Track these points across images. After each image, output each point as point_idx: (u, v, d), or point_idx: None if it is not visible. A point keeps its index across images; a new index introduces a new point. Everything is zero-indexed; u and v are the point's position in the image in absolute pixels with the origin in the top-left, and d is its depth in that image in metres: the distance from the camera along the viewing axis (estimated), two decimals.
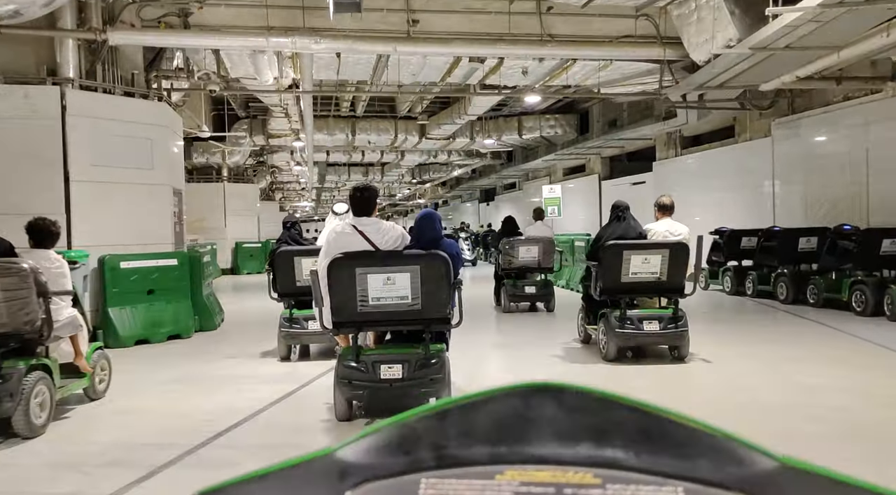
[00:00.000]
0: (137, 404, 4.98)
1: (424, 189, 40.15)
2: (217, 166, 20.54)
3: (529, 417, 0.40)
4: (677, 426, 0.39)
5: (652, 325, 5.76)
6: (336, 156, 24.52)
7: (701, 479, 0.38)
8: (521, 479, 0.38)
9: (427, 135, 19.65)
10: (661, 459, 0.38)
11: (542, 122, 19.26)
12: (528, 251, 9.32)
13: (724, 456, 0.38)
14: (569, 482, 0.38)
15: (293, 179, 34.25)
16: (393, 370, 4.05)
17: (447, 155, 24.50)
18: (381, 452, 0.40)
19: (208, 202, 20.35)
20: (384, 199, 49.79)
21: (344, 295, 3.91)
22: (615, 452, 0.39)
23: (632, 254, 5.68)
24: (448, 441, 0.40)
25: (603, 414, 0.40)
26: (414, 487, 0.39)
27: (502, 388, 0.41)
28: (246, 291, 15.10)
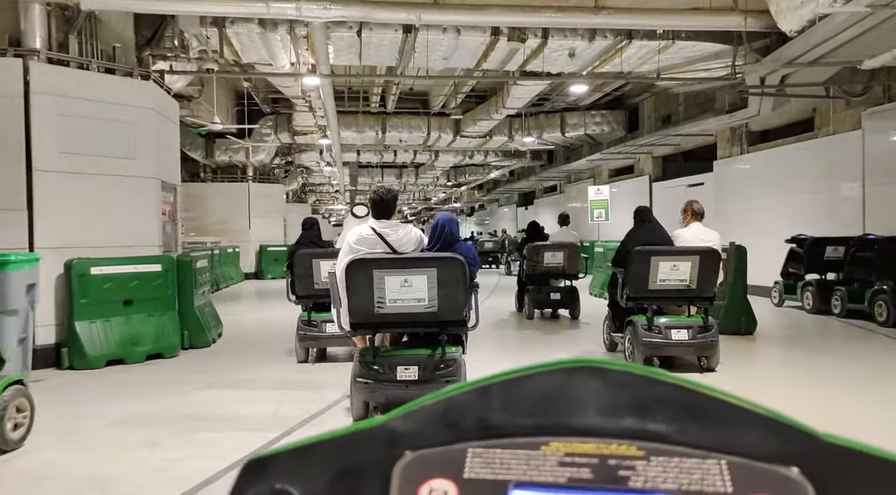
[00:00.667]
0: (57, 459, 3.72)
1: (460, 192, 38.82)
2: (241, 165, 19.55)
3: (573, 392, 0.41)
4: (720, 402, 0.40)
5: (680, 334, 5.59)
6: (367, 157, 23.36)
7: (744, 454, 0.39)
8: (565, 450, 0.40)
9: (462, 133, 18.30)
10: (704, 434, 0.39)
11: (587, 118, 17.74)
12: (553, 257, 9.08)
13: (766, 433, 0.39)
14: (613, 453, 0.39)
15: (325, 181, 33.29)
16: (409, 371, 4.08)
17: (483, 155, 23.12)
18: (429, 423, 0.42)
19: (232, 202, 19.38)
20: (420, 203, 48.66)
21: (361, 296, 3.93)
22: (658, 426, 0.39)
23: (660, 260, 5.49)
24: (493, 413, 0.41)
25: (646, 390, 0.40)
26: (461, 456, 0.41)
27: (545, 364, 0.42)
28: (268, 298, 13.96)
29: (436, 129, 18.47)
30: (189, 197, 19.68)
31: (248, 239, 19.54)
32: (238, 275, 18.33)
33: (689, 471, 0.39)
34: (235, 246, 18.67)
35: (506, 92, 13.63)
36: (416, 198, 45.10)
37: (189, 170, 19.81)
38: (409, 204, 50.85)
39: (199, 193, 19.24)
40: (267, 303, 13.16)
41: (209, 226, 19.26)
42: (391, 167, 31.81)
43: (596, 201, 14.63)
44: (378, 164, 30.37)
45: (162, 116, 7.47)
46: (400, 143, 19.87)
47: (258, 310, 12.49)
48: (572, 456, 0.39)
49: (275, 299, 12.32)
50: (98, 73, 6.77)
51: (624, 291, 5.72)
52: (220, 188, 19.41)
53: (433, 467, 0.41)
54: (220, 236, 19.00)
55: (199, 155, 17.86)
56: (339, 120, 18.16)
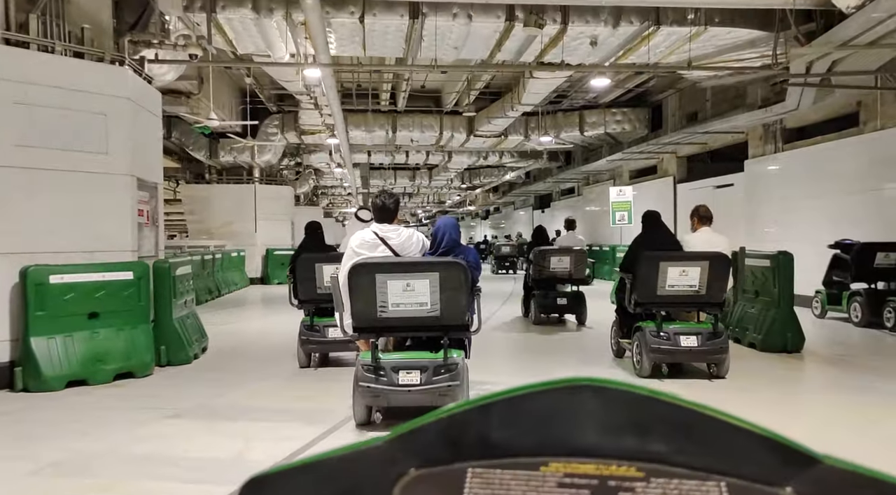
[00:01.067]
0: None
1: (475, 195, 38.00)
2: (248, 166, 18.88)
3: (573, 412, 0.41)
4: (720, 423, 0.40)
5: (689, 341, 5.45)
6: (378, 158, 22.63)
7: (744, 475, 0.38)
8: (565, 471, 0.40)
9: (476, 132, 17.49)
10: (704, 455, 0.39)
11: (607, 116, 16.85)
12: (559, 261, 8.97)
13: (766, 454, 0.39)
14: (613, 474, 0.39)
15: (336, 183, 32.64)
16: (411, 376, 4.05)
17: (498, 156, 22.29)
18: (430, 442, 0.42)
19: (238, 205, 18.71)
20: (434, 206, 47.89)
21: (364, 300, 3.93)
22: (658, 447, 0.39)
23: (669, 265, 5.38)
24: (493, 432, 0.41)
25: (646, 410, 0.40)
26: (461, 475, 0.41)
27: (546, 383, 0.42)
28: (272, 304, 13.22)
29: (448, 129, 17.68)
30: (194, 199, 19.08)
31: (253, 242, 18.85)
32: (243, 279, 17.64)
33: (689, 493, 0.39)
34: (240, 249, 17.98)
35: (522, 86, 12.80)
36: (431, 200, 44.33)
37: (194, 171, 19.20)
38: (424, 207, 50.11)
39: (204, 195, 18.62)
40: (270, 310, 12.42)
41: (213, 230, 18.62)
42: (404, 169, 31.07)
43: (618, 203, 13.75)
44: (390, 166, 29.67)
45: (138, 106, 6.73)
46: (411, 143, 19.11)
47: (259, 317, 11.77)
48: (572, 476, 0.40)
49: (279, 305, 11.59)
50: (63, 57, 6.04)
51: (632, 297, 5.62)
52: (225, 190, 18.76)
53: (433, 487, 0.41)
54: (225, 239, 18.35)
55: (202, 155, 17.22)
56: (348, 119, 17.43)
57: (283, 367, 6.45)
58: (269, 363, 6.73)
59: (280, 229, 19.61)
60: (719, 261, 5.40)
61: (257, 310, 13.05)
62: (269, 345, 7.94)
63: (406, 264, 4.02)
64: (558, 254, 9.01)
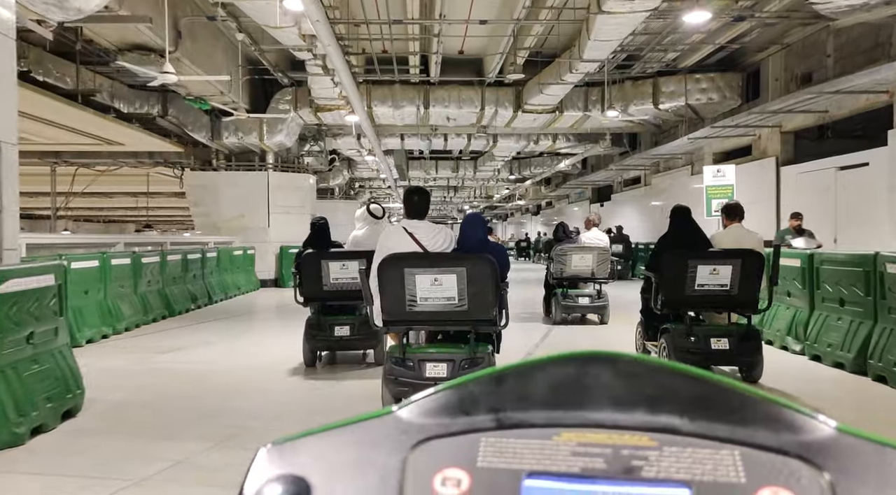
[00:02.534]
0: None
1: (524, 188, 34.85)
2: (259, 151, 16.34)
3: (585, 383, 0.41)
4: (732, 393, 0.40)
5: (721, 343, 5.19)
6: (413, 143, 19.80)
7: (757, 444, 0.39)
8: (578, 440, 0.40)
9: (524, 106, 14.46)
10: (716, 425, 0.39)
11: (688, 84, 13.58)
12: (581, 259, 8.80)
13: (779, 423, 0.39)
14: (626, 443, 0.40)
15: (373, 175, 30.06)
16: (438, 368, 4.09)
17: (551, 140, 19.17)
18: (442, 412, 0.42)
19: (248, 195, 16.20)
20: (481, 201, 44.88)
21: (394, 294, 3.98)
22: (671, 418, 0.40)
23: (698, 263, 5.10)
24: (506, 403, 0.42)
25: (657, 382, 0.41)
26: (474, 445, 0.41)
27: (559, 356, 0.43)
28: (282, 316, 10.58)
29: (492, 103, 14.71)
30: (198, 188, 16.68)
31: (265, 239, 16.32)
32: (251, 282, 15.10)
33: (702, 462, 0.39)
34: (247, 247, 15.46)
35: (585, 33, 9.74)
36: (477, 195, 41.35)
37: (200, 156, 16.78)
38: (470, 202, 47.11)
39: (210, 184, 16.17)
40: (272, 324, 9.76)
41: (221, 224, 16.17)
42: (445, 158, 28.24)
43: (716, 188, 10.51)
44: (431, 156, 26.87)
45: None
46: (448, 123, 16.21)
47: (252, 337, 8.92)
48: (585, 445, 0.40)
49: (289, 317, 8.82)
50: None
51: (658, 297, 5.30)
52: (233, 178, 16.27)
53: (447, 456, 0.41)
54: (234, 235, 15.88)
55: (204, 136, 14.73)
56: (371, 92, 14.68)
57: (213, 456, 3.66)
58: (190, 437, 3.96)
59: (298, 224, 16.98)
60: (752, 259, 5.11)
61: (255, 325, 10.36)
62: (224, 391, 5.23)
63: (434, 259, 4.11)
64: (580, 252, 8.80)
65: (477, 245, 4.25)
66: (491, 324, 4.11)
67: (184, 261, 10.97)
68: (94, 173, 17.85)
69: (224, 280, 13.11)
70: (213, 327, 9.27)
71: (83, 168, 17.34)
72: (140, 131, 14.05)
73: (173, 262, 10.46)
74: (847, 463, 0.38)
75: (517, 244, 35.12)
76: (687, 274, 5.09)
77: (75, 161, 16.58)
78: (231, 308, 11.79)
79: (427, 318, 4.06)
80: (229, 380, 5.74)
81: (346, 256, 5.93)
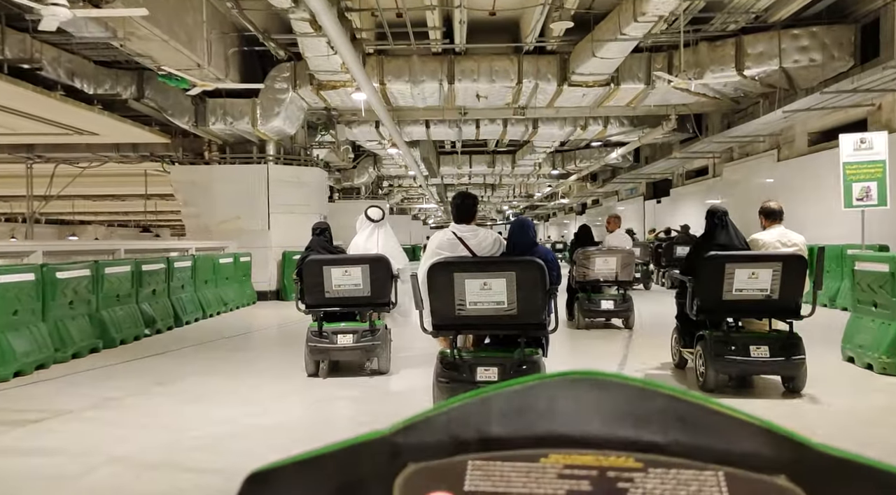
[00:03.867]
0: None
1: (568, 185, 31.91)
2: (258, 141, 13.96)
3: (573, 404, 0.42)
4: (716, 414, 0.41)
5: (761, 351, 4.94)
6: (441, 131, 17.17)
7: (740, 464, 0.39)
8: (565, 462, 0.40)
9: (571, 76, 11.70)
10: (701, 445, 0.40)
11: (783, 42, 10.61)
12: (605, 263, 8.53)
13: (761, 443, 0.40)
14: (612, 465, 0.40)
15: (402, 172, 27.58)
16: (489, 372, 4.11)
17: (601, 124, 16.32)
18: (430, 435, 0.42)
19: (245, 192, 13.84)
20: (521, 200, 42.03)
21: (443, 299, 4.00)
22: (656, 438, 0.40)
23: (736, 267, 4.88)
24: (493, 425, 0.42)
25: (643, 402, 0.41)
26: (462, 468, 0.41)
27: (545, 376, 0.43)
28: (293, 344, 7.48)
29: (531, 75, 12.00)
30: (189, 185, 14.35)
31: (265, 243, 13.93)
32: (245, 295, 12.71)
33: (687, 483, 0.39)
34: (243, 253, 13.08)
35: None
36: (516, 193, 38.50)
37: (190, 148, 14.51)
38: (509, 202, 44.25)
39: (201, 180, 13.86)
40: (270, 363, 7.06)
41: (213, 226, 13.84)
42: (480, 152, 25.57)
43: (857, 166, 7.51)
44: (463, 149, 24.24)
45: None
46: (477, 102, 13.53)
47: (218, 388, 5.94)
48: (571, 467, 0.40)
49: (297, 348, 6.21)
50: None
51: (694, 302, 5.09)
52: (228, 172, 13.92)
53: (434, 480, 0.41)
54: (229, 239, 13.54)
55: (187, 123, 12.39)
56: (384, 65, 12.12)
57: None
58: None
59: (305, 225, 14.54)
60: (794, 262, 4.90)
61: (231, 360, 7.46)
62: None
63: (483, 263, 4.13)
64: (604, 256, 8.67)
65: (526, 249, 4.29)
66: (540, 328, 4.11)
67: (136, 273, 8.58)
68: (77, 170, 15.73)
69: (203, 295, 10.71)
70: (157, 366, 6.81)
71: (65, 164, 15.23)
72: (110, 117, 11.80)
73: (116, 275, 8.05)
74: (828, 481, 0.38)
75: (552, 246, 32.27)
76: (724, 278, 4.90)
77: (51, 155, 14.46)
78: (206, 331, 9.35)
79: (476, 323, 4.09)
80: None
81: (347, 262, 5.76)
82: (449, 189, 37.38)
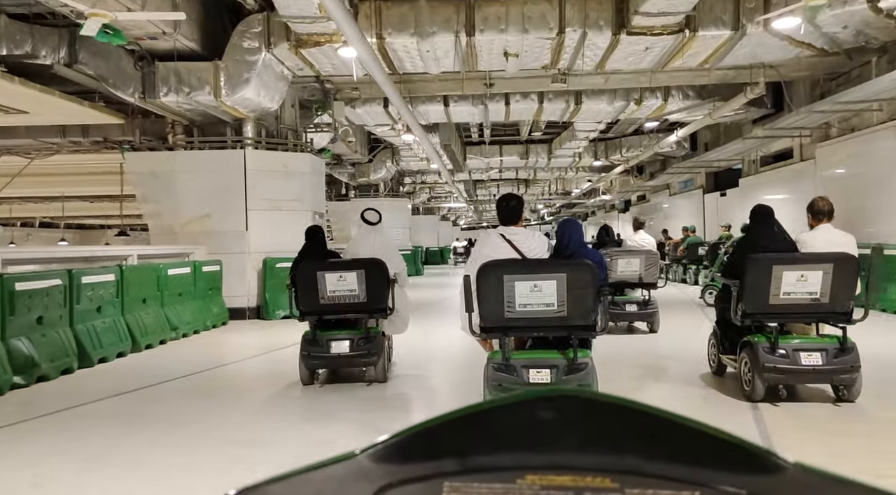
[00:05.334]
0: None
1: (610, 180, 28.63)
2: (234, 121, 11.22)
3: (549, 423, 0.41)
4: (693, 432, 0.40)
5: (812, 358, 4.71)
6: (463, 111, 14.22)
7: (717, 483, 0.39)
8: (541, 483, 0.40)
9: (632, 19, 8.64)
10: (677, 465, 0.39)
11: None
12: (628, 264, 8.36)
13: (739, 462, 0.39)
14: (588, 486, 0.39)
15: (425, 168, 24.69)
16: (541, 374, 4.10)
17: (660, 97, 13.18)
18: (406, 457, 0.41)
19: (218, 184, 11.12)
20: (557, 198, 38.77)
21: (492, 301, 4.00)
22: (632, 458, 0.40)
23: (784, 269, 4.68)
24: (469, 446, 0.41)
25: (619, 421, 0.41)
26: (437, 490, 0.40)
27: (521, 395, 0.42)
28: (271, 398, 5.75)
29: (576, 22, 9.00)
30: (147, 177, 11.68)
31: (242, 248, 11.17)
32: (210, 314, 9.98)
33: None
34: (209, 261, 10.34)
35: None
36: (552, 190, 35.28)
37: (151, 131, 11.84)
38: (545, 199, 40.95)
39: (162, 169, 11.15)
40: (229, 453, 4.38)
41: (177, 228, 11.14)
42: (511, 142, 22.56)
43: None
44: (493, 138, 21.25)
45: None
46: (506, 64, 10.51)
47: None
48: (548, 489, 0.39)
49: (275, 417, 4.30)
50: None
51: (738, 307, 4.88)
52: (195, 160, 11.19)
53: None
54: (196, 243, 10.84)
55: (130, 93, 9.66)
56: (383, 13, 9.25)
57: None
58: None
59: (293, 225, 11.75)
60: (846, 263, 4.66)
61: (136, 447, 4.79)
62: None
63: (534, 265, 4.14)
64: (627, 257, 8.44)
65: (575, 250, 4.35)
66: (589, 330, 4.10)
67: (4, 296, 5.83)
68: (24, 161, 13.17)
69: (138, 319, 7.94)
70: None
71: (7, 155, 12.69)
72: (34, 89, 9.17)
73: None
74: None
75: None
76: (770, 280, 4.69)
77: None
78: (129, 374, 6.60)
79: (525, 324, 4.08)
80: None
81: (342, 267, 5.57)
82: (478, 186, 34.35)
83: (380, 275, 5.44)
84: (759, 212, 5.30)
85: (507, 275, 3.91)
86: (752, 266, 4.75)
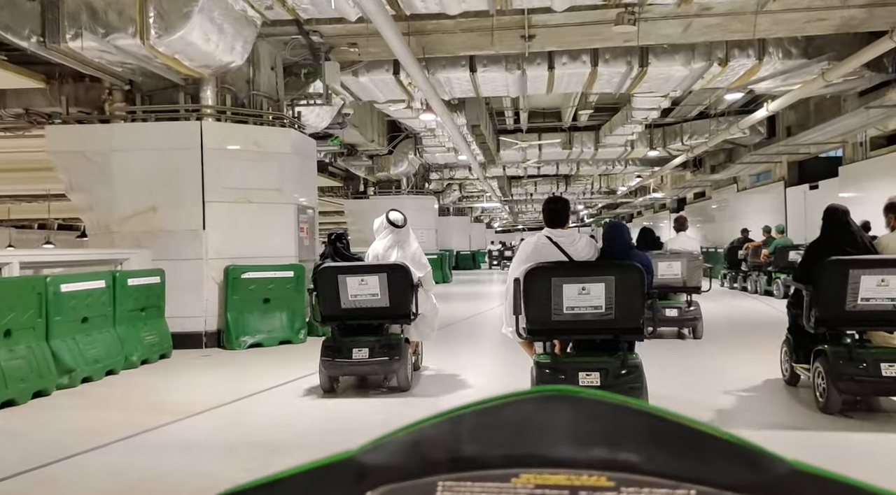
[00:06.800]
0: None
1: (661, 176, 25.27)
2: (186, 83, 8.44)
3: (545, 421, 0.41)
4: (690, 430, 0.40)
5: (894, 370, 4.46)
6: (494, 78, 11.21)
7: (713, 483, 0.39)
8: (536, 482, 0.40)
9: None
10: (674, 463, 0.40)
11: None
12: (669, 267, 8.16)
13: (735, 461, 0.39)
14: (583, 484, 0.39)
15: (454, 161, 21.74)
16: (591, 377, 4.11)
17: (753, 55, 10.02)
18: (399, 455, 0.41)
19: (165, 167, 8.35)
20: (600, 198, 35.40)
21: (540, 303, 4.01)
22: (628, 456, 0.40)
23: (862, 273, 4.45)
24: (463, 444, 0.41)
25: (616, 419, 0.41)
26: (431, 489, 0.40)
27: (517, 393, 0.43)
28: None
29: None
30: (76, 158, 8.90)
31: (198, 252, 8.38)
32: (139, 345, 7.19)
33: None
34: (139, 272, 7.56)
35: None
36: (595, 188, 31.92)
37: (85, 99, 9.12)
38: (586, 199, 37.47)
39: (99, 148, 8.40)
40: None
41: (113, 225, 8.41)
42: (551, 129, 19.48)
43: None
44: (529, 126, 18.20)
45: None
46: (552, 8, 7.48)
47: None
48: (543, 487, 0.39)
49: None
50: None
51: (811, 313, 4.68)
52: (137, 135, 8.44)
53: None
54: (137, 245, 8.08)
55: (27, 38, 6.90)
56: None
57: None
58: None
59: (269, 223, 8.90)
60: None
61: None
62: None
63: (582, 268, 4.15)
64: (668, 260, 8.20)
65: (623, 252, 4.32)
66: (637, 333, 4.11)
67: None
68: None
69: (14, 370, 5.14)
70: None
71: None
72: None
73: None
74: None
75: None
76: (848, 285, 4.47)
77: None
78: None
79: (573, 327, 4.11)
80: None
81: (363, 271, 5.48)
82: (513, 184, 31.25)
83: (403, 280, 5.32)
84: (834, 212, 5.09)
85: (555, 278, 3.96)
86: (826, 270, 4.59)
